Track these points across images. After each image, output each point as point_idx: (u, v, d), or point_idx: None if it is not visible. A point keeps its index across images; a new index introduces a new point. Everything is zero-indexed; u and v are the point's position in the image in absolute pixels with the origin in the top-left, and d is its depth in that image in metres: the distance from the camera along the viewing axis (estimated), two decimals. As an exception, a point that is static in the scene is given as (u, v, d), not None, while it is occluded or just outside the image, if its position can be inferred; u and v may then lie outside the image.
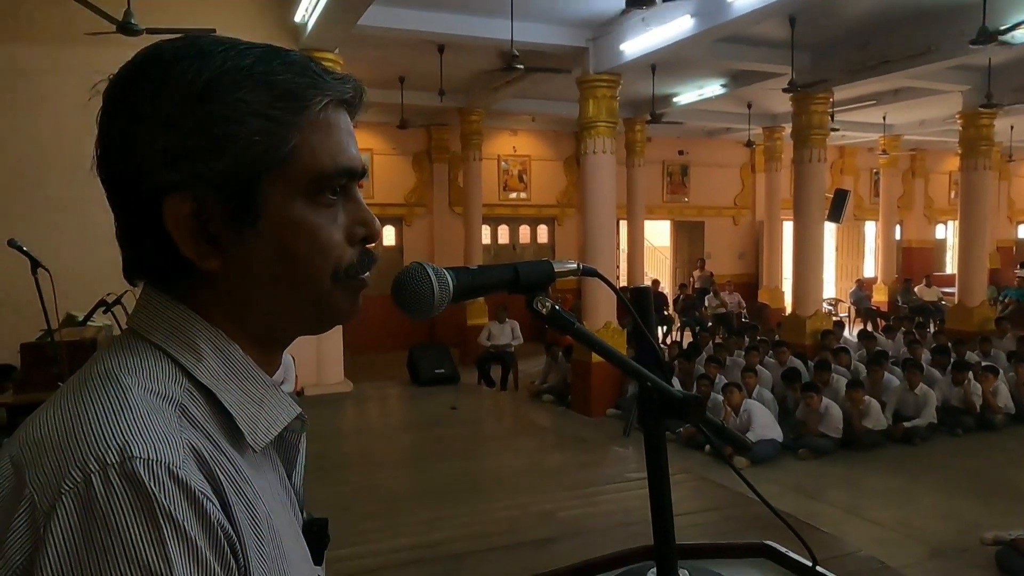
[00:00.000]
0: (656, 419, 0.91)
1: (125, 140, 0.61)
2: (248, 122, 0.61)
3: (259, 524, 0.58)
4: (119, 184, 0.63)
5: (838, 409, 7.31)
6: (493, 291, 0.80)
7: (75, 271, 4.98)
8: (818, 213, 10.07)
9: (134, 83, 0.62)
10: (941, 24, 7.84)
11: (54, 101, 6.44)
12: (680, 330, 13.78)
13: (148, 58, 0.63)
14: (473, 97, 11.37)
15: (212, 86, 0.61)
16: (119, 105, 0.62)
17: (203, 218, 0.62)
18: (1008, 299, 15.50)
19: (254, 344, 0.67)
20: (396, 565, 3.78)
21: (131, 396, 0.57)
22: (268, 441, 0.65)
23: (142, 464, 0.52)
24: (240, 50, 0.63)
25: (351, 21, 6.61)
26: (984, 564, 4.71)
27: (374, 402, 8.53)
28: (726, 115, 13.17)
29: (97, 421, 0.54)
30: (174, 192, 0.61)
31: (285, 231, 0.64)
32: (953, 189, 17.00)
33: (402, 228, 13.54)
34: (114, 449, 0.52)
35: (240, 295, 0.65)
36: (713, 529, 4.18)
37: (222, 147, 0.61)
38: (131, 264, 0.65)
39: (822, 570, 0.99)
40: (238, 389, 0.63)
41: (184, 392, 0.60)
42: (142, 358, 0.61)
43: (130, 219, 0.63)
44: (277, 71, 0.63)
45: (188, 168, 0.60)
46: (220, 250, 0.63)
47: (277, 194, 0.63)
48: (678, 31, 7.14)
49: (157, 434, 0.54)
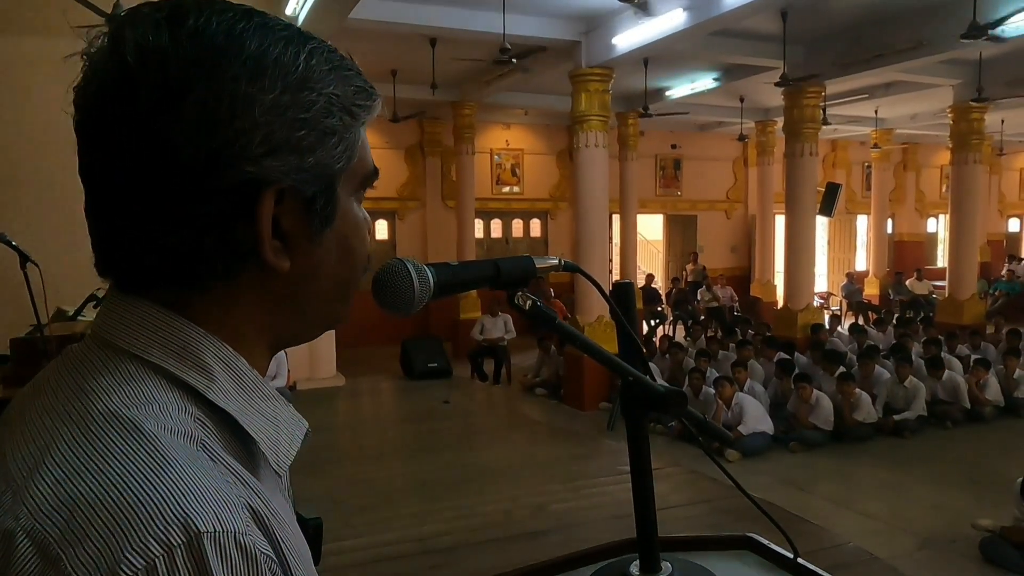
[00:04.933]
0: (638, 412, 0.92)
1: (209, 123, 0.53)
2: (340, 117, 0.59)
3: (296, 556, 0.54)
4: (176, 173, 0.53)
5: (828, 400, 7.36)
6: (474, 287, 0.81)
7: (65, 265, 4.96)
8: (810, 207, 10.10)
9: (217, 57, 0.53)
10: (932, 18, 7.87)
11: (42, 94, 6.40)
12: (673, 324, 13.82)
13: (226, 30, 0.54)
14: (466, 91, 11.35)
15: (307, 76, 0.57)
16: (198, 80, 0.52)
17: (280, 214, 0.57)
18: (998, 292, 15.60)
19: (266, 350, 0.63)
20: (388, 558, 3.80)
21: (163, 449, 0.49)
22: (290, 462, 0.60)
23: (209, 540, 0.45)
24: (306, 34, 0.59)
25: (343, 13, 6.59)
26: (971, 555, 4.76)
27: (367, 396, 8.54)
28: (719, 109, 13.19)
29: (141, 488, 0.46)
30: (272, 186, 0.55)
31: (349, 229, 0.63)
32: (945, 183, 17.06)
33: (395, 222, 13.51)
34: (176, 527, 0.45)
35: (291, 297, 0.61)
36: (703, 521, 4.21)
37: (322, 140, 0.58)
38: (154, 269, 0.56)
39: (803, 562, 1.00)
40: (254, 410, 0.57)
41: (196, 423, 0.53)
42: (143, 386, 0.53)
43: (174, 215, 0.54)
44: (347, 66, 0.61)
45: (289, 160, 0.56)
46: (289, 249, 0.58)
47: (343, 192, 0.62)
48: (670, 25, 7.14)
49: (215, 498, 0.48)
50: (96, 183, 0.56)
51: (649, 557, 0.97)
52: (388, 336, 10.97)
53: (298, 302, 0.61)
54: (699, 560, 1.03)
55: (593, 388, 8.57)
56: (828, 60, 9.15)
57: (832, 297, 16.36)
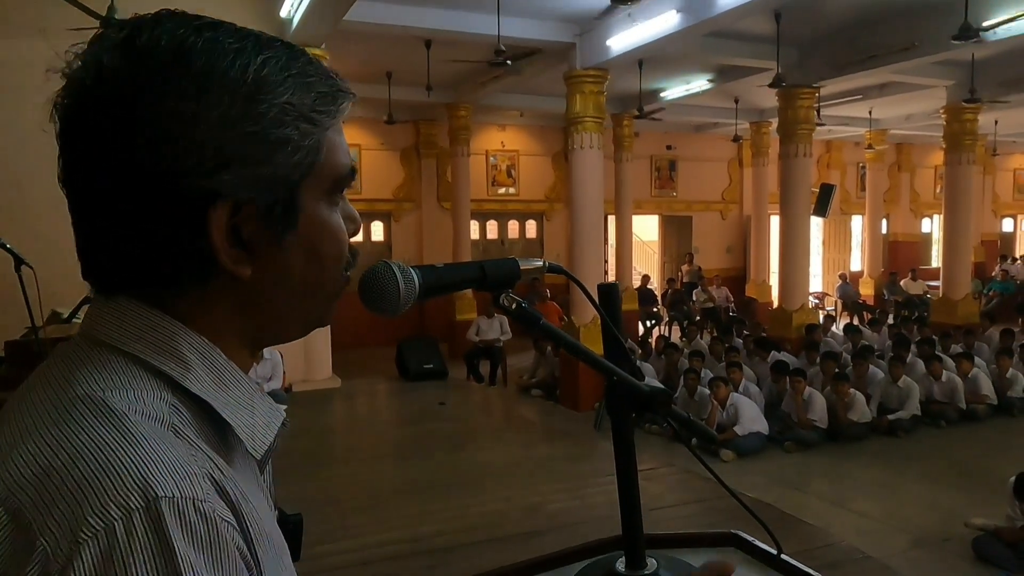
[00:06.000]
0: (623, 412, 0.94)
1: (162, 139, 0.55)
2: (297, 125, 0.60)
3: (263, 536, 0.57)
4: (137, 187, 0.56)
5: (821, 397, 7.39)
6: (460, 288, 0.82)
7: (59, 268, 4.96)
8: (804, 208, 10.14)
9: (164, 76, 0.56)
10: (924, 20, 7.90)
11: (35, 96, 6.39)
12: (668, 325, 13.84)
13: (174, 48, 0.56)
14: (461, 92, 11.37)
15: (259, 86, 0.58)
16: (148, 99, 0.55)
17: (238, 223, 0.59)
18: (992, 292, 15.66)
19: (248, 347, 0.66)
20: (383, 558, 3.81)
21: (130, 424, 0.52)
22: (266, 447, 0.63)
23: (167, 504, 0.48)
24: (263, 42, 0.61)
25: (338, 16, 6.60)
26: (964, 553, 4.79)
27: (362, 398, 8.55)
28: (713, 110, 13.22)
29: (105, 458, 0.49)
30: (226, 198, 0.57)
31: (315, 233, 0.64)
32: (939, 183, 17.09)
33: (390, 224, 13.52)
34: (136, 491, 0.48)
35: (260, 301, 0.63)
36: (697, 521, 4.23)
37: (275, 151, 0.59)
38: (122, 275, 0.60)
39: (786, 557, 1.02)
40: (226, 395, 0.60)
41: (170, 409, 0.56)
42: (120, 375, 0.56)
43: (144, 225, 0.57)
44: (309, 72, 0.62)
45: (245, 172, 0.58)
46: (252, 255, 0.60)
47: (309, 196, 0.63)
48: (664, 26, 7.16)
49: (175, 467, 0.50)
50: (74, 191, 0.60)
51: (635, 553, 0.99)
52: (384, 338, 10.98)
53: (270, 304, 0.64)
54: (685, 557, 1.04)
55: (588, 389, 8.58)
56: (822, 61, 9.20)
57: (827, 297, 16.40)
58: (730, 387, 7.48)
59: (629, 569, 0.99)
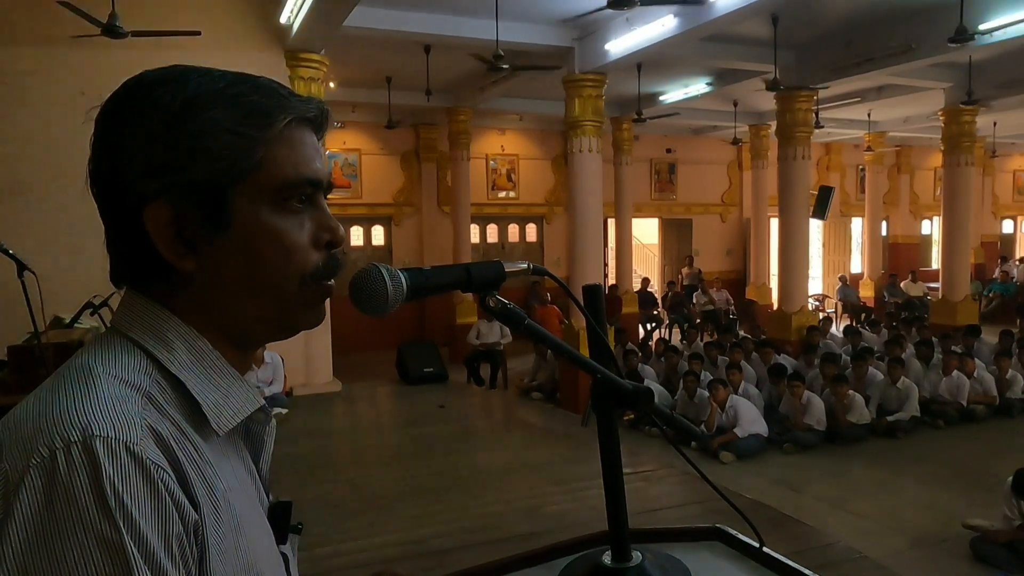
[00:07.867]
0: (608, 409, 0.97)
1: (112, 155, 0.69)
2: (219, 137, 0.69)
3: (216, 496, 0.66)
4: (107, 195, 0.70)
5: (819, 401, 7.41)
6: (447, 290, 0.85)
7: (61, 273, 5.00)
8: (803, 210, 10.16)
9: (120, 105, 0.70)
10: (921, 22, 7.94)
11: (39, 103, 6.44)
12: (668, 327, 13.86)
13: (134, 83, 0.71)
14: (460, 96, 11.41)
15: (188, 106, 0.68)
16: (107, 124, 0.70)
17: (180, 224, 0.69)
18: (992, 294, 15.66)
19: (229, 343, 0.74)
20: (382, 561, 3.82)
21: (99, 383, 0.64)
22: (232, 426, 0.71)
23: (101, 442, 0.59)
24: (214, 76, 0.71)
25: (337, 22, 6.64)
26: (962, 554, 4.80)
27: (363, 401, 8.56)
28: (712, 113, 13.25)
29: (65, 405, 0.62)
30: (154, 200, 0.68)
31: (254, 235, 0.70)
32: (938, 185, 17.09)
33: (391, 228, 13.56)
34: (78, 429, 0.60)
35: (213, 296, 0.72)
36: (697, 522, 4.24)
37: (196, 159, 0.68)
38: (117, 269, 0.73)
39: (768, 550, 1.04)
40: (205, 378, 0.70)
41: (152, 382, 0.67)
42: (115, 351, 0.68)
43: (116, 227, 0.71)
44: (246, 93, 0.71)
45: (166, 178, 0.68)
46: (195, 253, 0.70)
47: (246, 201, 0.70)
48: (662, 30, 7.21)
49: (117, 415, 0.61)
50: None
51: (620, 547, 1.02)
52: (384, 342, 11.01)
53: (219, 300, 0.72)
54: (670, 550, 1.07)
55: (588, 392, 8.60)
56: (820, 64, 9.23)
57: (827, 299, 16.41)
58: (729, 389, 7.50)
59: (615, 562, 1.02)
